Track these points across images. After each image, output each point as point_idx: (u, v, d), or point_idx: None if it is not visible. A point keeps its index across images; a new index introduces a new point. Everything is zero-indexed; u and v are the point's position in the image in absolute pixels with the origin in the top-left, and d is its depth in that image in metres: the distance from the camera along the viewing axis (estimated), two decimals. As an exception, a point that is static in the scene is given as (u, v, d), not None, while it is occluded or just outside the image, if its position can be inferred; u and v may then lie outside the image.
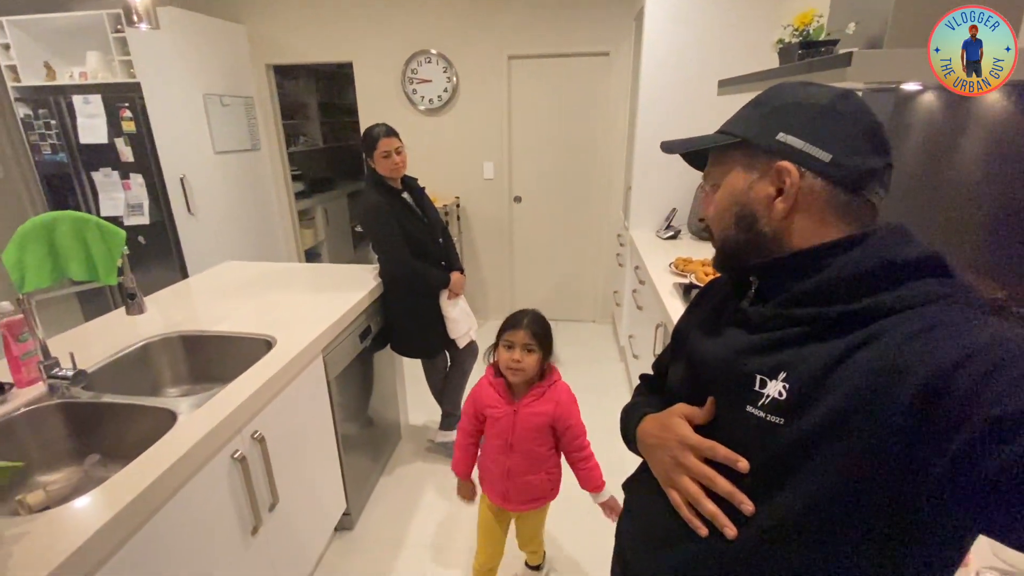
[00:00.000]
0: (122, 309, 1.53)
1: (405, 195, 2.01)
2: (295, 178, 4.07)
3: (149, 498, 0.92)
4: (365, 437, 2.03)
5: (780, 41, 1.49)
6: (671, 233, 2.66)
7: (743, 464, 0.55)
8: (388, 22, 3.34)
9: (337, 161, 5.51)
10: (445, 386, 2.28)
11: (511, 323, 1.32)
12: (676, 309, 1.57)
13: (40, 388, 1.21)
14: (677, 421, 0.64)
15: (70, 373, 1.20)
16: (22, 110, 3.07)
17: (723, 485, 0.56)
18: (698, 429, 0.61)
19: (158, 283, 2.14)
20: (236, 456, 1.18)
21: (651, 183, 2.76)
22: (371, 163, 1.93)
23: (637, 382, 0.91)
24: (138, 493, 0.90)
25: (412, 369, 2.41)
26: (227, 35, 3.29)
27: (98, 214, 3.14)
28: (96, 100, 2.97)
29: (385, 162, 1.89)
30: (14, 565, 0.75)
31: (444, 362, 2.27)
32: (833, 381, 0.49)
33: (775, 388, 0.53)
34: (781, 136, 0.56)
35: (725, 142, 0.61)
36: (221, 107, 3.21)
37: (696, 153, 0.68)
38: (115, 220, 2.92)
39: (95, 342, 1.48)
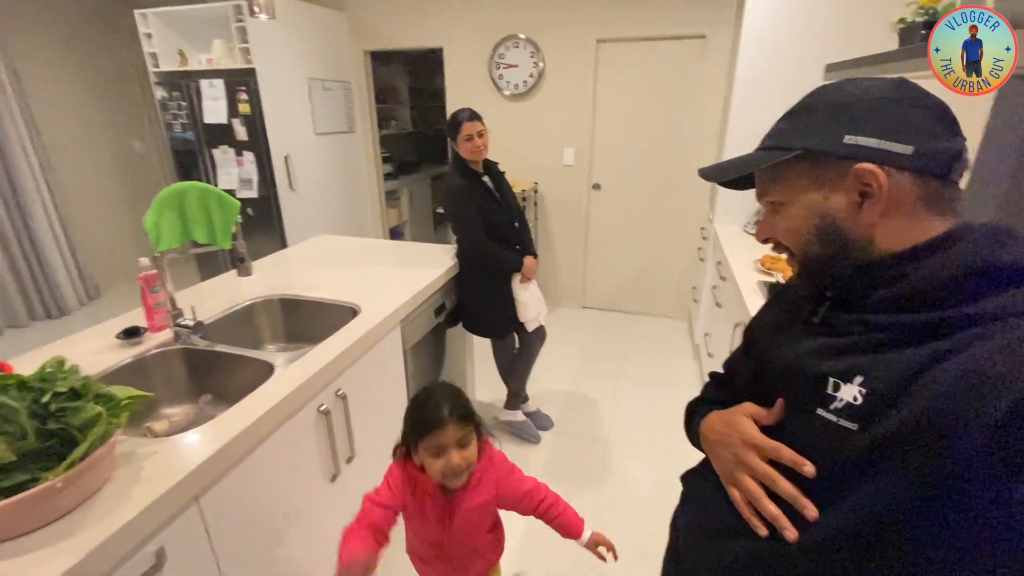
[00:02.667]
0: (233, 272, 1.72)
1: (485, 178, 2.07)
2: (384, 160, 4.29)
3: (250, 436, 1.05)
4: (434, 408, 2.14)
5: (901, 20, 1.35)
6: (759, 228, 2.51)
7: (809, 468, 0.53)
8: (478, 7, 3.39)
9: (424, 145, 5.73)
10: (512, 367, 2.34)
11: (426, 423, 0.97)
12: (758, 308, 1.49)
13: (167, 334, 1.41)
14: (743, 420, 0.63)
15: (191, 323, 1.38)
16: (159, 92, 3.49)
17: (786, 488, 0.55)
18: (764, 430, 0.60)
19: (261, 251, 2.36)
20: (322, 409, 1.30)
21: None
22: (455, 146, 2.00)
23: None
24: (241, 430, 1.02)
25: (482, 348, 2.49)
26: (331, 23, 3.51)
27: (218, 187, 3.51)
28: (219, 84, 3.30)
29: (467, 145, 1.95)
30: (145, 477, 0.89)
31: (512, 343, 2.33)
32: (917, 388, 0.46)
33: (850, 392, 0.51)
34: (848, 138, 0.52)
35: (781, 158, 0.56)
36: (323, 91, 3.44)
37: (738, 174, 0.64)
38: (230, 192, 3.26)
39: (210, 298, 1.68)
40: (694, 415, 0.78)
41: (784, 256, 0.63)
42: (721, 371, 0.88)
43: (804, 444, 0.54)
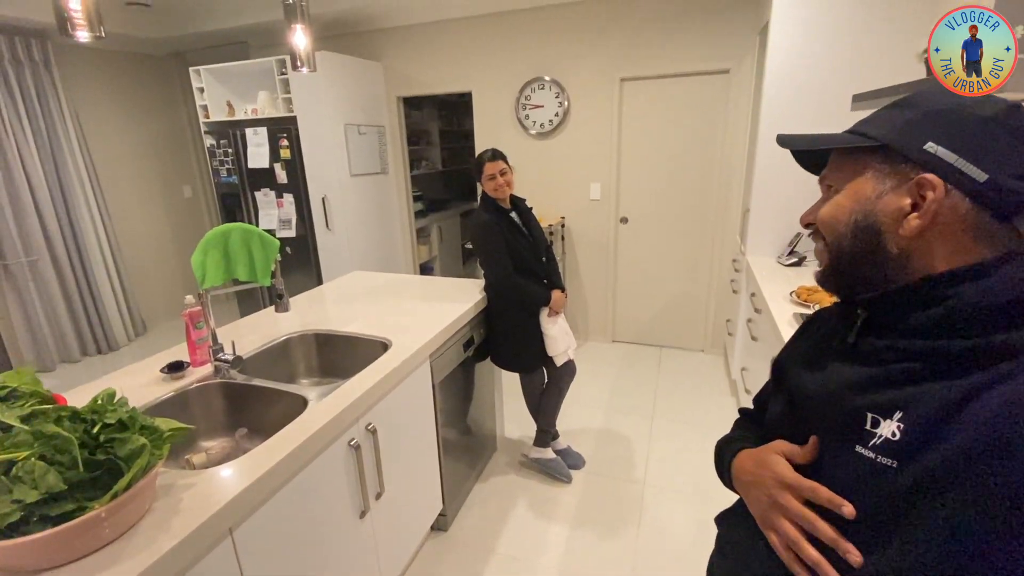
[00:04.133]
0: (271, 308, 1.78)
1: (513, 214, 2.12)
2: (415, 199, 4.43)
3: (283, 470, 1.07)
4: (463, 444, 2.13)
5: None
6: (794, 260, 2.45)
7: (848, 509, 0.50)
8: (505, 53, 3.54)
9: (453, 183, 5.91)
10: (541, 403, 2.31)
11: None
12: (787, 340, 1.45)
13: (208, 368, 1.46)
14: (775, 458, 0.60)
15: (230, 358, 1.43)
16: (208, 140, 3.74)
17: (826, 531, 0.52)
18: (799, 469, 0.57)
19: (298, 288, 2.45)
20: (352, 444, 1.31)
21: (773, 206, 2.58)
22: (481, 185, 2.08)
23: None
24: (274, 464, 1.04)
25: (511, 383, 2.48)
26: (367, 72, 3.72)
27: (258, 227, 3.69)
28: (262, 132, 3.52)
29: (490, 184, 2.03)
30: (183, 509, 0.91)
31: (541, 378, 2.30)
32: (958, 422, 0.44)
33: (888, 428, 0.49)
34: (930, 146, 0.50)
35: (861, 144, 0.55)
36: (358, 135, 3.62)
37: (812, 153, 0.63)
38: (270, 232, 3.43)
39: (249, 333, 1.74)
40: (725, 454, 0.75)
41: (817, 245, 0.61)
42: (751, 407, 0.85)
43: (842, 483, 0.52)
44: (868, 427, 0.50)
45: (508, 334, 2.15)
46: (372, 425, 1.39)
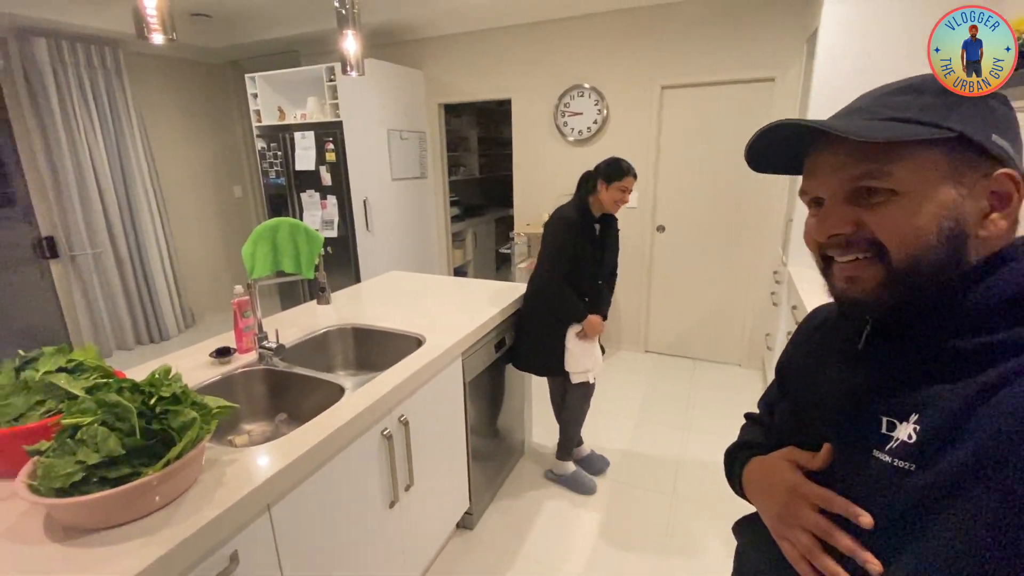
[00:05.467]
0: (313, 301, 1.85)
1: (597, 226, 2.06)
2: (452, 203, 4.51)
3: (319, 452, 1.11)
4: (491, 445, 2.14)
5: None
6: (837, 272, 2.37)
7: (866, 519, 0.48)
8: (545, 61, 3.58)
9: (489, 190, 5.98)
10: (563, 409, 2.28)
11: None
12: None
13: (253, 355, 1.53)
14: (786, 466, 0.58)
15: (273, 346, 1.50)
16: (260, 144, 3.92)
17: (843, 542, 0.50)
18: (811, 476, 0.56)
19: (337, 286, 2.53)
20: (385, 433, 1.35)
21: (815, 216, 2.50)
22: (599, 188, 1.98)
23: None
24: (312, 446, 1.08)
25: (540, 391, 2.48)
26: (409, 79, 3.83)
27: (301, 227, 3.84)
28: (310, 136, 3.67)
29: (616, 195, 1.95)
30: (226, 482, 0.96)
31: (562, 385, 2.27)
32: (977, 419, 0.43)
33: (905, 431, 0.47)
34: (996, 138, 0.47)
35: (942, 135, 0.46)
36: (400, 141, 3.72)
37: (779, 149, 0.57)
38: (312, 232, 3.57)
39: (291, 325, 1.81)
40: (735, 462, 0.74)
41: (847, 259, 0.53)
42: (756, 411, 0.83)
43: (858, 489, 0.50)
44: (884, 431, 0.49)
45: (533, 335, 2.13)
46: (404, 417, 1.43)
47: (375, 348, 1.81)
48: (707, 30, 3.10)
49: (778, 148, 0.57)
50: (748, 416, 0.84)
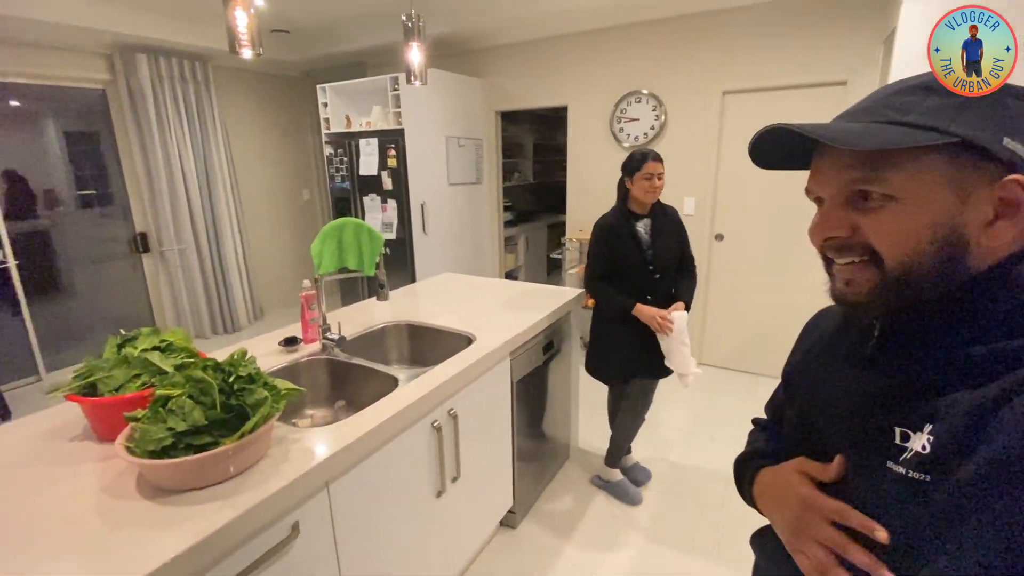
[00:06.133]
0: (371, 298, 1.95)
1: (641, 223, 2.02)
2: (505, 209, 4.59)
3: (375, 437, 1.18)
4: (536, 446, 2.16)
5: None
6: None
7: (882, 534, 0.47)
8: (603, 67, 3.59)
9: (543, 196, 6.02)
10: (616, 417, 2.26)
11: None
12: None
13: (316, 346, 1.64)
14: (798, 478, 0.57)
15: (336, 338, 1.60)
16: (328, 150, 4.16)
17: (860, 557, 0.48)
18: (824, 487, 0.54)
19: (393, 285, 2.64)
20: (435, 425, 1.41)
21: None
22: (629, 183, 1.99)
23: None
24: (368, 430, 1.15)
25: (587, 395, 2.47)
26: (469, 88, 3.95)
27: (362, 229, 4.04)
28: (374, 142, 3.86)
29: (645, 183, 1.93)
30: (291, 458, 1.04)
31: (616, 390, 2.25)
32: (993, 428, 0.41)
33: (919, 441, 0.45)
34: (1007, 142, 0.44)
35: (941, 141, 0.45)
36: (458, 147, 3.84)
37: (783, 146, 0.55)
38: (372, 234, 3.76)
39: (350, 320, 1.92)
40: (744, 472, 0.72)
41: (844, 261, 0.53)
42: (764, 416, 0.81)
43: (872, 501, 0.49)
44: (898, 441, 0.47)
45: (595, 339, 2.16)
46: (454, 411, 1.48)
47: (428, 344, 1.88)
48: (773, 32, 3.01)
49: (786, 146, 0.55)
50: (756, 422, 0.83)
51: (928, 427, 0.45)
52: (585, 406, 2.60)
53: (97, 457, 1.06)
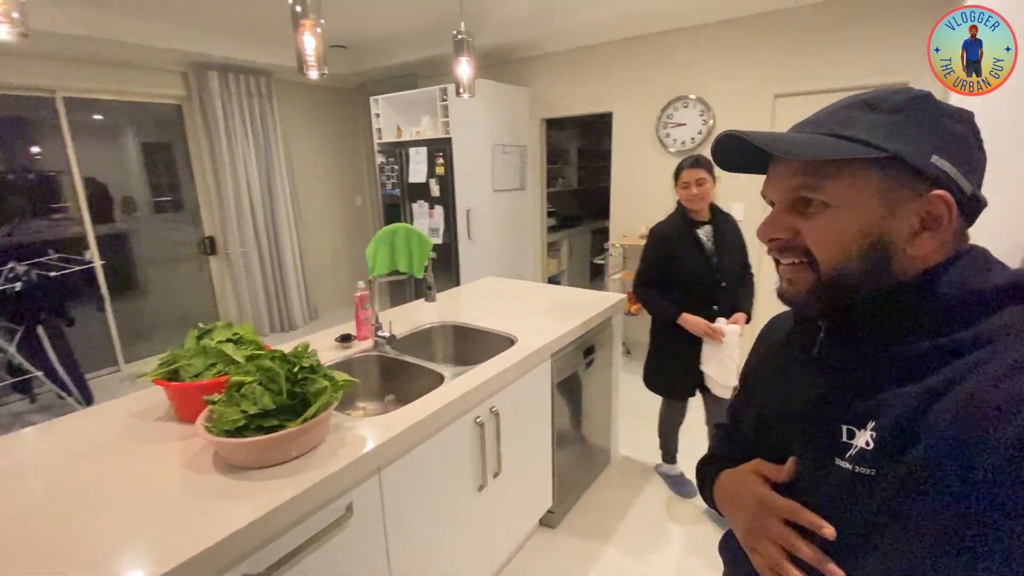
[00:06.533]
0: (419, 300, 2.04)
1: (702, 230, 1.98)
2: (549, 214, 4.63)
3: (422, 428, 1.25)
4: (576, 450, 2.18)
5: None
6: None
7: (828, 531, 0.49)
8: (649, 73, 3.58)
9: (587, 201, 6.03)
10: (665, 430, 2.29)
11: None
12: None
13: (369, 343, 1.74)
14: (753, 479, 0.60)
15: (387, 336, 1.69)
16: (380, 159, 4.34)
17: (806, 552, 0.51)
18: (779, 487, 0.57)
19: (439, 288, 2.72)
20: (478, 421, 1.47)
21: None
22: (676, 191, 2.00)
23: None
24: (416, 422, 1.23)
25: (628, 403, 2.47)
26: (514, 97, 4.03)
27: (410, 234, 4.20)
28: (423, 151, 4.00)
29: (683, 192, 1.94)
30: (347, 444, 1.13)
31: (678, 410, 2.24)
32: (924, 425, 0.44)
33: (863, 438, 0.48)
34: (935, 159, 0.48)
35: (872, 155, 0.48)
36: (503, 154, 3.92)
37: (744, 153, 0.58)
38: (420, 239, 3.90)
39: (399, 320, 2.02)
40: (706, 475, 0.74)
41: (787, 262, 0.56)
42: (726, 421, 0.82)
43: (822, 497, 0.52)
44: (844, 439, 0.50)
45: (652, 352, 2.15)
46: (496, 408, 1.54)
47: (472, 344, 1.95)
48: (827, 34, 2.92)
49: (747, 152, 0.58)
50: (718, 427, 0.84)
51: (871, 424, 0.48)
52: (628, 413, 2.59)
53: (178, 436, 1.19)
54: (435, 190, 4.01)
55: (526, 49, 3.95)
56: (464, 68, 2.02)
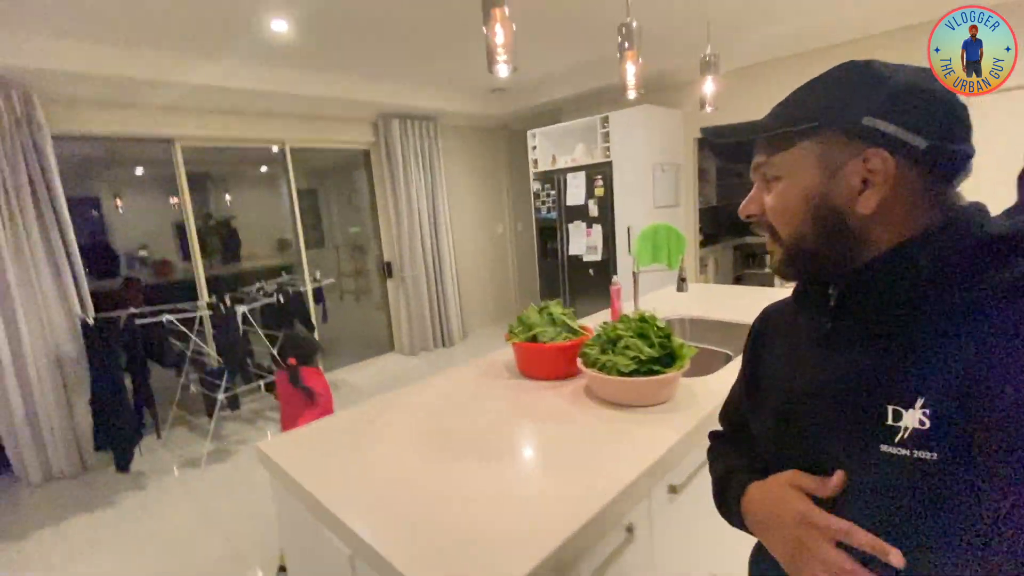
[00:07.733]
0: (670, 288, 2.22)
1: None
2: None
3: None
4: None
5: None
6: None
7: (896, 558, 0.43)
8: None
9: (721, 219, 6.04)
10: None
11: None
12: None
13: (628, 330, 1.94)
14: (792, 494, 0.53)
15: (647, 322, 1.89)
16: (535, 186, 4.72)
17: None
18: (815, 499, 0.51)
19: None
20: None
21: None
22: None
23: None
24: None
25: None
26: (670, 119, 4.25)
27: (567, 253, 4.47)
28: (581, 175, 4.31)
29: None
30: (692, 404, 1.31)
31: None
32: (985, 386, 0.40)
33: (914, 417, 0.43)
34: (867, 120, 0.49)
35: (794, 128, 0.52)
36: (661, 173, 4.12)
37: (738, 143, 0.60)
38: (576, 258, 4.18)
39: (661, 304, 2.20)
40: (726, 491, 0.67)
41: (763, 237, 0.59)
42: (720, 428, 0.80)
43: (870, 491, 0.46)
44: (890, 421, 0.45)
45: None
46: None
47: (718, 335, 2.08)
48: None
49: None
50: (715, 435, 0.81)
51: (919, 400, 0.44)
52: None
53: (536, 388, 1.43)
54: (593, 210, 4.28)
55: (681, 74, 4.18)
56: (708, 85, 2.27)
